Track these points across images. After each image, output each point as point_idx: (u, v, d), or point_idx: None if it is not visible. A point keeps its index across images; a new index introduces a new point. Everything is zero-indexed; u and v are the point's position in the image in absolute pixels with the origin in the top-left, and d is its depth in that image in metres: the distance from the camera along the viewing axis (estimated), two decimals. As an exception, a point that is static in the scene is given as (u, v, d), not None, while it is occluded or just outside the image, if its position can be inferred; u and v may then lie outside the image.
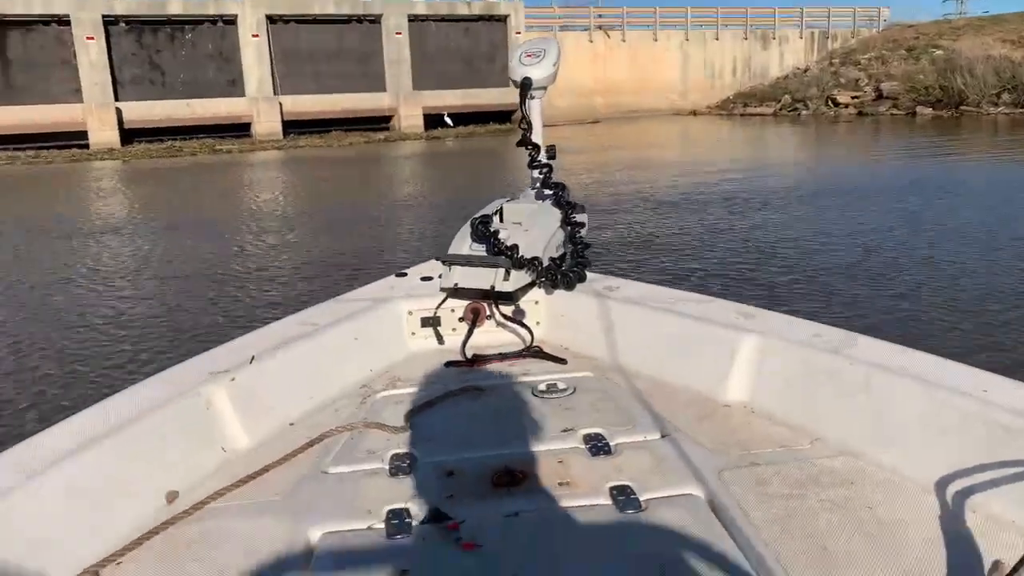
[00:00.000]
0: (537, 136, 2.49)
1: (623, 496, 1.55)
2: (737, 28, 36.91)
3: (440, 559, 1.43)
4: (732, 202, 10.42)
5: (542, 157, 2.49)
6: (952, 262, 6.90)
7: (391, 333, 2.34)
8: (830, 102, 31.96)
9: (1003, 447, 1.51)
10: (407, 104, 28.94)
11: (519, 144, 2.46)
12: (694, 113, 35.02)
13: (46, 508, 1.47)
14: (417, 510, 1.56)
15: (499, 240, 2.24)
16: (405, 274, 2.62)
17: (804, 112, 31.96)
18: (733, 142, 22.81)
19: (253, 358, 1.99)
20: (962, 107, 27.34)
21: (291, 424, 1.97)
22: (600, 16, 34.86)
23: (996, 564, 1.29)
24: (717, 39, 36.31)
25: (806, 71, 36.66)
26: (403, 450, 1.80)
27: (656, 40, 34.94)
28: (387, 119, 29.12)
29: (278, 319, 2.28)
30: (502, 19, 30.99)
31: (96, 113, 24.90)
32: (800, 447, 1.73)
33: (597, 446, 1.75)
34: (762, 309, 2.11)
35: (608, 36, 34.07)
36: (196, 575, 1.41)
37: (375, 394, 2.11)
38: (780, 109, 33.17)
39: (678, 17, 35.65)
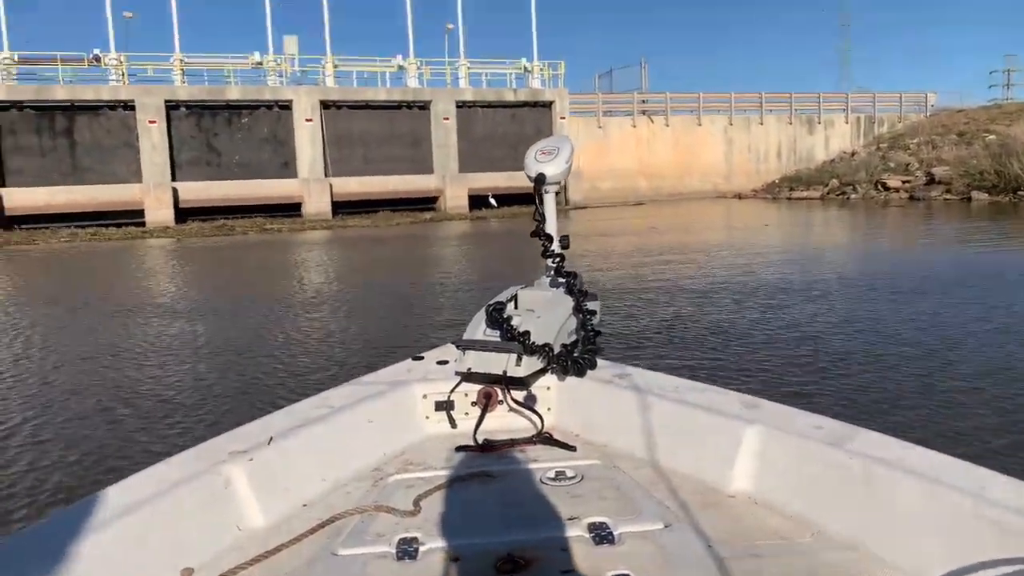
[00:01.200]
0: (551, 227, 2.62)
1: None
2: (781, 113, 37.37)
3: None
4: (787, 292, 9.99)
5: (555, 247, 2.61)
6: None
7: (405, 416, 2.42)
8: (879, 186, 31.86)
9: (999, 545, 1.52)
10: (453, 185, 29.71)
11: (533, 235, 2.58)
12: (739, 197, 35.20)
13: (81, 574, 1.56)
14: None
15: (512, 326, 2.33)
16: (422, 357, 2.72)
17: (853, 196, 31.89)
18: (783, 226, 22.77)
19: (271, 439, 2.09)
20: (1020, 192, 27.00)
21: (304, 505, 2.05)
22: (644, 102, 35.66)
23: None
24: (761, 124, 36.77)
25: (853, 155, 36.76)
26: (411, 534, 1.86)
27: (700, 125, 35.52)
28: (433, 200, 29.89)
29: (298, 400, 2.38)
30: (547, 105, 31.91)
31: (154, 193, 26.08)
32: (802, 540, 1.75)
33: (601, 535, 1.79)
34: (765, 400, 2.16)
35: (652, 121, 34.77)
36: None
37: (387, 477, 2.18)
38: (828, 193, 33.15)
39: (722, 103, 36.29)
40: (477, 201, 29.21)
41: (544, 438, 2.32)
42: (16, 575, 1.51)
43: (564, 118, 31.95)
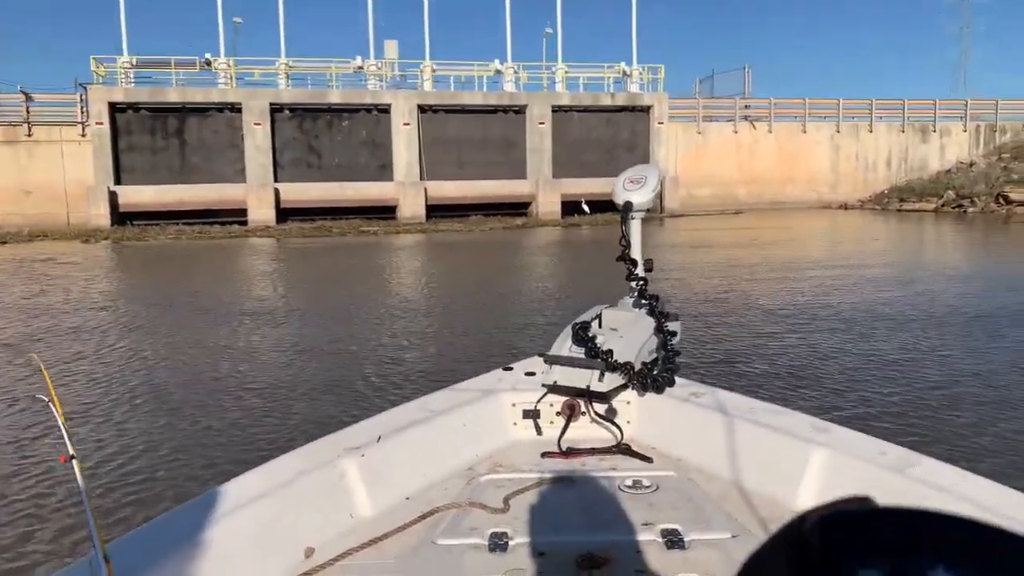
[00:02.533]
0: (636, 252, 2.85)
1: None
2: (893, 120, 36.03)
3: None
4: (912, 327, 9.13)
5: (639, 271, 2.84)
6: None
7: (495, 422, 2.71)
8: (1001, 199, 30.32)
9: None
10: (546, 191, 29.98)
11: (618, 259, 2.82)
12: (845, 207, 34.14)
13: (217, 553, 1.90)
14: None
15: (596, 344, 2.58)
16: (511, 368, 3.01)
17: (971, 209, 30.45)
18: (894, 241, 21.99)
19: (380, 438, 2.41)
20: None
21: (407, 498, 2.36)
22: (747, 107, 35.06)
23: None
24: (871, 131, 35.56)
25: (971, 165, 35.09)
26: (501, 529, 2.14)
27: (805, 131, 34.66)
28: (525, 205, 30.23)
29: (400, 403, 2.70)
30: (645, 109, 31.82)
31: (256, 192, 27.42)
32: None
33: (673, 541, 2.02)
34: (834, 424, 2.33)
35: (754, 127, 34.16)
36: None
37: (479, 476, 2.47)
38: (942, 205, 31.75)
39: (829, 109, 35.29)
40: (570, 207, 29.39)
41: (623, 449, 2.56)
42: (166, 552, 1.85)
43: (662, 123, 31.77)
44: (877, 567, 0.24)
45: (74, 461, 1.97)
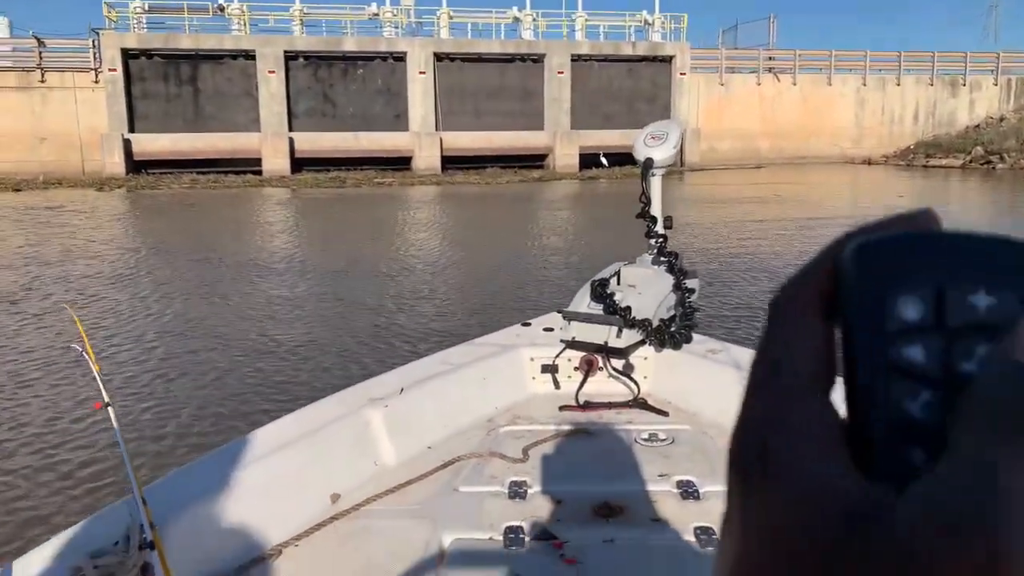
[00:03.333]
0: (656, 210, 2.89)
1: (706, 536, 1.90)
2: (922, 73, 35.29)
3: (546, 570, 1.84)
4: None
5: (659, 228, 2.88)
6: None
7: (515, 376, 2.79)
8: (1031, 154, 29.83)
9: None
10: (563, 143, 29.76)
11: (638, 216, 2.86)
12: (868, 162, 33.69)
13: (248, 496, 2.01)
14: (530, 528, 1.98)
15: (614, 301, 2.65)
16: (530, 324, 3.08)
17: (1000, 165, 29.98)
18: (922, 200, 21.75)
19: (403, 389, 2.50)
20: None
21: (429, 447, 2.46)
22: (771, 59, 34.44)
23: None
24: (898, 84, 34.89)
25: (1002, 120, 34.43)
26: (520, 478, 2.23)
27: (830, 84, 34.06)
28: (542, 157, 30.05)
29: (423, 356, 2.79)
30: (667, 60, 31.34)
31: (271, 142, 27.40)
32: None
33: (687, 491, 2.11)
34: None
35: (778, 79, 33.59)
36: (352, 562, 1.89)
37: (498, 428, 2.57)
38: (970, 161, 31.27)
39: (855, 61, 34.60)
40: (588, 160, 29.18)
41: (640, 403, 2.64)
42: (200, 494, 1.95)
43: (684, 74, 31.30)
44: (916, 294, 0.24)
45: (109, 408, 2.07)
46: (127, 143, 26.16)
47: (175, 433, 4.88)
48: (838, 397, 0.25)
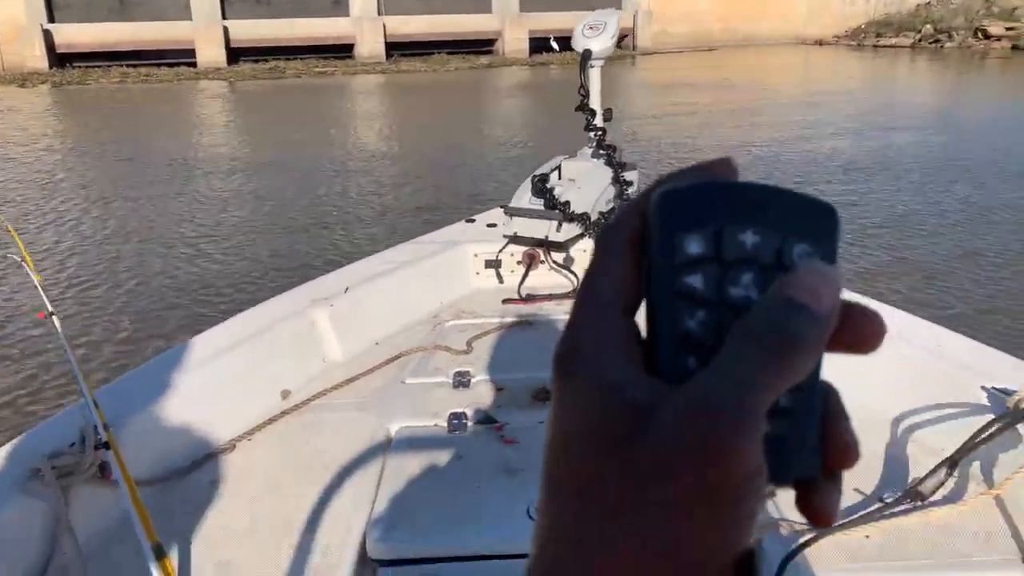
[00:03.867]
0: (595, 102, 2.92)
1: None
2: (877, -53, 34.77)
3: (487, 450, 1.97)
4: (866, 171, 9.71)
5: (598, 121, 2.92)
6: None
7: (459, 272, 2.88)
8: (979, 34, 29.96)
9: (946, 392, 1.93)
10: (512, 27, 28.96)
11: (577, 109, 2.89)
12: (820, 43, 33.53)
13: (200, 395, 2.09)
14: (473, 414, 2.11)
15: (554, 196, 2.72)
16: (474, 220, 3.15)
17: (948, 44, 30.11)
18: (866, 82, 21.85)
19: (347, 289, 2.57)
20: None
21: (376, 343, 2.55)
22: (724, -66, 33.48)
23: (916, 481, 1.73)
24: (853, -40, 34.39)
25: (953, -3, 34.36)
26: (464, 368, 2.35)
27: (784, -39, 33.40)
28: (491, 42, 29.27)
29: (367, 256, 2.85)
30: (617, -63, 30.32)
31: (204, 31, 26.10)
32: None
33: None
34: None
35: (731, -44, 32.79)
36: (305, 453, 2.00)
37: (443, 322, 2.67)
38: (919, 40, 31.33)
39: (810, -65, 33.86)
40: (539, 44, 28.49)
41: (579, 294, 2.75)
42: (152, 396, 2.02)
43: (635, -49, 30.36)
44: (700, 233, 0.30)
45: (53, 317, 2.11)
46: (47, 34, 24.70)
47: (120, 339, 4.91)
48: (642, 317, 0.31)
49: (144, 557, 1.38)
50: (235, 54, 26.43)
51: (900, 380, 1.98)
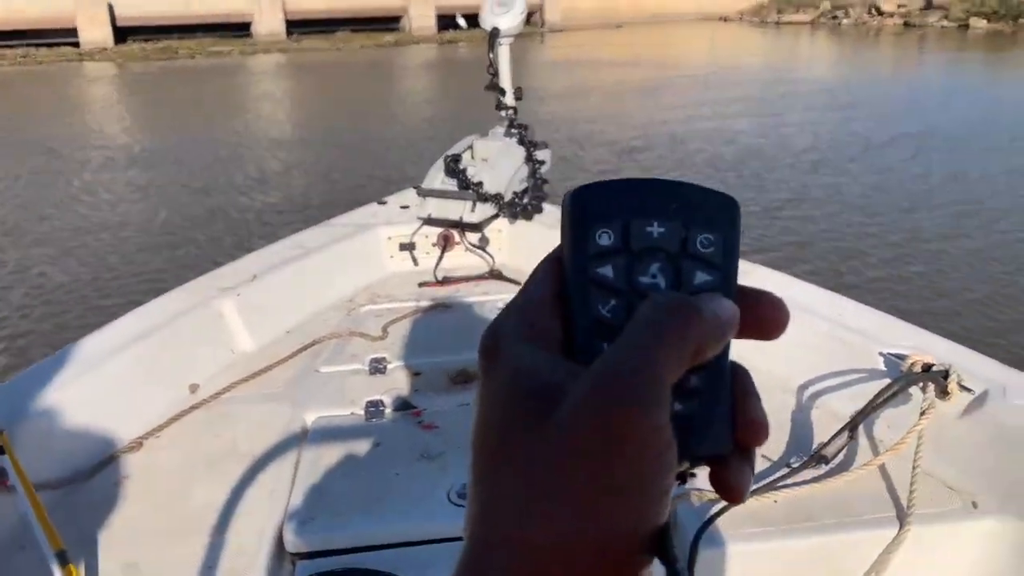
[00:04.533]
0: (505, 81, 2.92)
1: None
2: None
3: (405, 436, 1.96)
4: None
5: (508, 100, 2.93)
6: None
7: (372, 255, 2.84)
8: (873, 10, 31.30)
9: (846, 359, 2.03)
10: (419, 3, 28.62)
11: (487, 88, 2.89)
12: (724, 19, 34.40)
13: (101, 393, 2.00)
14: (390, 400, 2.09)
15: (467, 176, 2.71)
16: (386, 202, 3.11)
17: (845, 21, 31.36)
18: (768, 56, 22.50)
19: (255, 276, 2.50)
20: (1020, 20, 26.70)
21: (288, 332, 2.50)
22: (628, -91, 33.88)
23: (820, 446, 1.81)
24: (754, -63, 35.35)
25: (849, -25, 35.76)
26: (380, 354, 2.33)
27: (687, -63, 34.07)
28: (396, 19, 28.87)
29: (274, 241, 2.78)
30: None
31: (87, 8, 24.82)
32: None
33: None
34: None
35: (635, -68, 33.23)
36: (215, 448, 1.95)
37: (358, 307, 2.63)
38: (819, 17, 32.53)
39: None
40: (446, 21, 28.24)
41: (495, 275, 2.76)
42: (50, 394, 1.94)
43: (540, -73, 30.38)
44: (610, 226, 0.32)
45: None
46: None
47: (8, 336, 4.68)
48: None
49: (48, 564, 1.33)
50: (122, 32, 25.24)
51: (805, 349, 2.07)
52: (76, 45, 24.39)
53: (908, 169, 8.39)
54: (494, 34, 2.84)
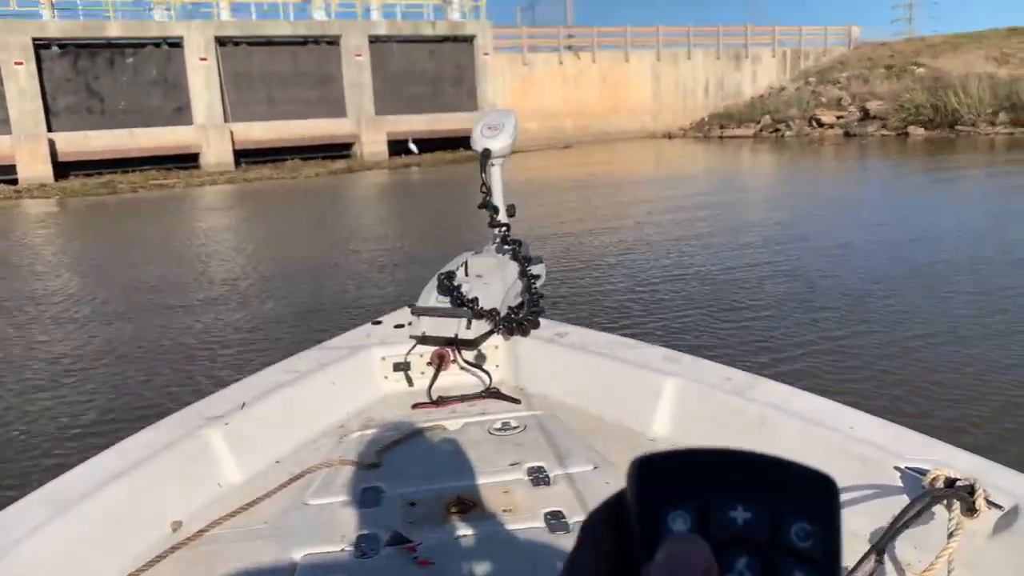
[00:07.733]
0: (497, 199, 2.99)
1: (555, 520, 2.01)
2: (709, 47, 38.17)
3: (400, 575, 1.87)
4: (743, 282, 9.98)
5: (502, 217, 2.99)
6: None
7: (366, 377, 2.79)
8: (813, 122, 33.07)
9: (860, 474, 2.00)
10: (369, 130, 29.40)
11: (480, 207, 2.95)
12: (668, 136, 35.98)
13: (76, 535, 1.89)
14: (383, 534, 2.01)
15: (462, 293, 2.72)
16: (380, 322, 3.10)
17: (788, 133, 33.01)
18: (719, 175, 23.38)
19: (244, 404, 2.44)
20: (956, 127, 28.34)
21: (277, 461, 2.41)
22: (571, 36, 35.84)
23: (847, 572, 1.77)
24: (689, 59, 37.50)
25: (782, 90, 37.95)
26: (373, 484, 2.25)
27: (628, 61, 35.98)
28: (348, 146, 29.53)
29: (264, 367, 2.73)
30: (468, 40, 31.74)
31: (26, 145, 24.83)
32: None
33: (538, 477, 2.22)
34: (685, 354, 2.62)
35: (579, 57, 35.02)
36: None
37: (350, 434, 2.56)
38: (760, 130, 34.22)
39: (649, 37, 36.77)
40: (397, 147, 29.00)
41: (492, 393, 2.73)
42: (18, 542, 1.83)
43: (487, 54, 31.84)
44: (684, 509, 0.28)
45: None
46: None
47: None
48: None
49: None
50: (63, 168, 25.21)
51: (816, 464, 2.05)
52: (15, 182, 24.23)
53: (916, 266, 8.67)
54: (486, 155, 2.93)
